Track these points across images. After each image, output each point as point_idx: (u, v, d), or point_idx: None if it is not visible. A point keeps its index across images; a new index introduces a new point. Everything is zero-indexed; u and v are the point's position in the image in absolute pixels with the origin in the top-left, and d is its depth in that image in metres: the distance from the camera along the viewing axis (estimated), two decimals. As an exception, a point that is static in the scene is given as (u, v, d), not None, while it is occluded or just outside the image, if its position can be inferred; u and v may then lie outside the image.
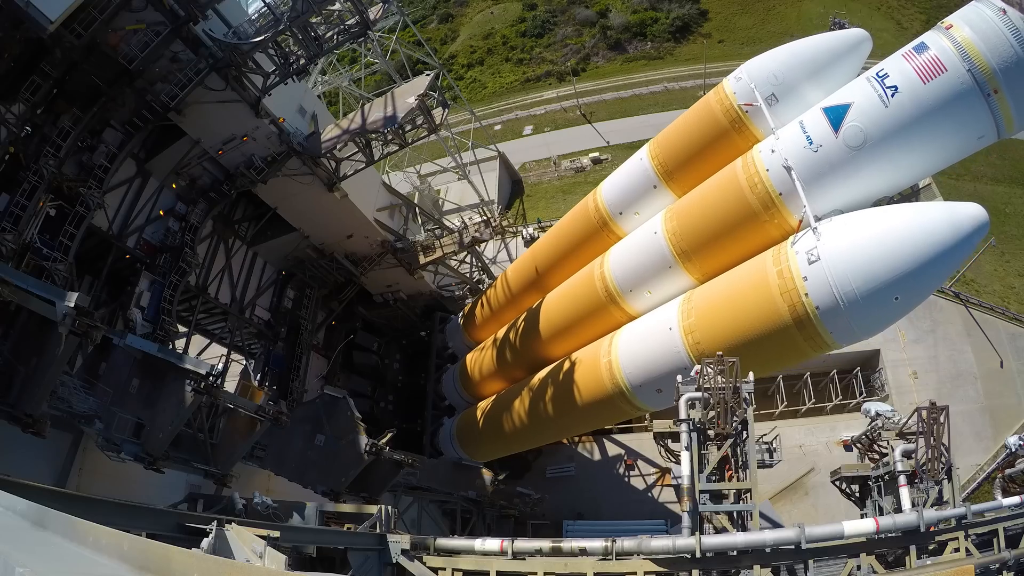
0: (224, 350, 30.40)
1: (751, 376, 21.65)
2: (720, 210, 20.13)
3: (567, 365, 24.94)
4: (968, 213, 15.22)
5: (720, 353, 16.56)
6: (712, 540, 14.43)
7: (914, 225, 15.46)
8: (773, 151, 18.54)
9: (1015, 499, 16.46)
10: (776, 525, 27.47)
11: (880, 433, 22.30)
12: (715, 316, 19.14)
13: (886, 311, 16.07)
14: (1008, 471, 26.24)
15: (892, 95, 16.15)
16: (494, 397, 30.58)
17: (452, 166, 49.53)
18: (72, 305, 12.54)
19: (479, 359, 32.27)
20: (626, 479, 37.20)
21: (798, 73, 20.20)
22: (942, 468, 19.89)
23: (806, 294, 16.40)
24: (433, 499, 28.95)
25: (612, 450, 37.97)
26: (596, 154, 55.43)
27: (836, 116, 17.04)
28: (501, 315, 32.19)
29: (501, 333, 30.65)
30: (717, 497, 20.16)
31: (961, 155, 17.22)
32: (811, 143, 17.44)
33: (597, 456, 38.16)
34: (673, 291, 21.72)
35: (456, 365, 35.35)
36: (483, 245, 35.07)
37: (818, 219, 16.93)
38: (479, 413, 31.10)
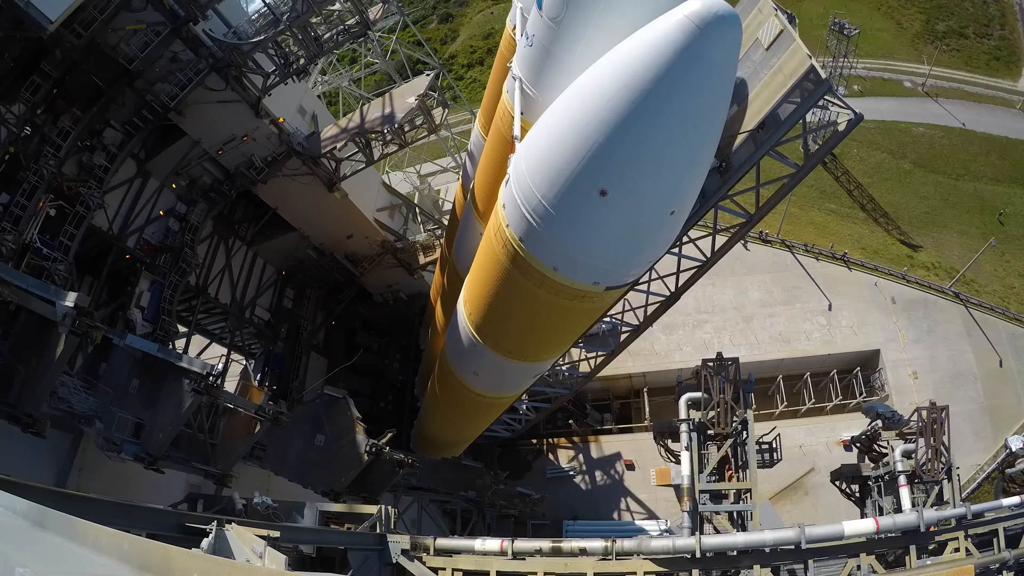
0: (224, 350, 30.42)
1: (751, 376, 21.74)
2: (489, 154, 17.49)
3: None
4: (670, 25, 8.68)
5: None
6: (712, 540, 14.44)
7: (593, 76, 9.92)
8: (509, 66, 15.13)
9: (1015, 499, 16.43)
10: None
11: (880, 433, 22.33)
12: (472, 279, 16.27)
13: (600, 218, 10.66)
14: (1008, 471, 26.27)
15: None
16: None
17: (452, 166, 49.50)
18: (72, 305, 12.54)
19: (424, 357, 31.78)
20: (625, 479, 37.24)
21: None
22: (942, 468, 19.92)
23: (507, 224, 12.36)
24: (433, 499, 28.94)
25: (611, 450, 38.01)
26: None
27: (538, -10, 12.63)
28: (436, 311, 31.78)
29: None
30: (717, 497, 20.23)
31: None
32: (527, 38, 13.56)
33: (597, 456, 38.20)
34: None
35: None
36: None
37: None
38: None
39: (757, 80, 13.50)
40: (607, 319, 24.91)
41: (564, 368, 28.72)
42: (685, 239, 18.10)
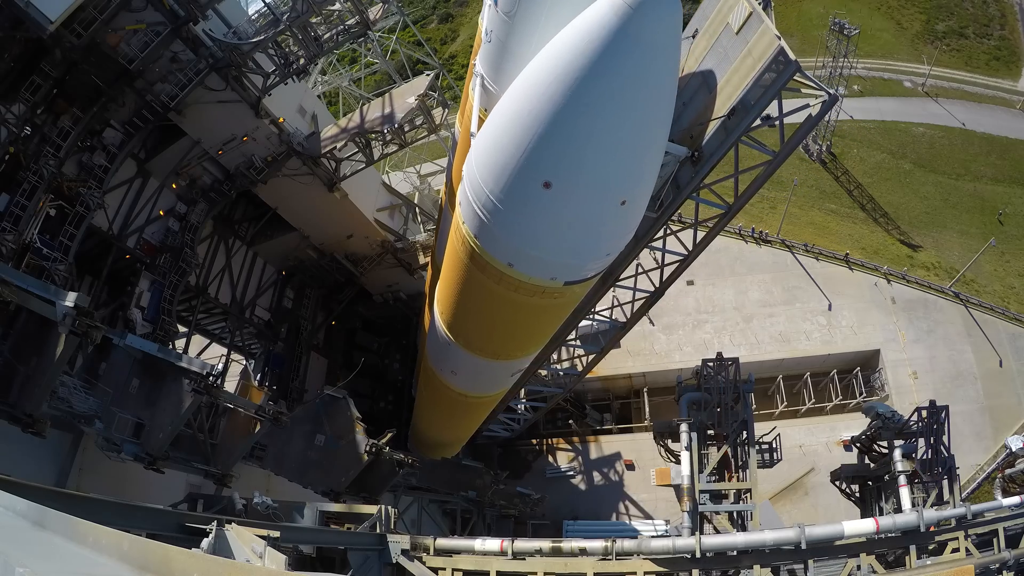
0: (224, 350, 30.41)
1: (751, 376, 21.76)
2: (459, 152, 17.44)
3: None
4: (603, 7, 8.44)
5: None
6: (712, 540, 14.44)
7: (533, 66, 9.73)
8: (473, 63, 14.73)
9: (1015, 499, 16.44)
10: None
11: (880, 433, 22.32)
12: (442, 277, 16.20)
13: (547, 211, 10.45)
14: (1008, 471, 26.29)
15: None
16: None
17: (452, 166, 49.43)
18: (72, 305, 12.53)
19: (417, 357, 31.64)
20: (625, 479, 37.23)
21: None
22: (942, 468, 19.92)
23: (463, 222, 12.30)
24: (433, 499, 28.93)
25: (611, 450, 38.00)
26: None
27: (495, -14, 12.56)
28: (424, 309, 31.66)
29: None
30: (717, 497, 20.25)
31: None
32: (487, 35, 13.19)
33: (596, 456, 38.20)
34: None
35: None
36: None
37: None
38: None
39: (728, 65, 13.10)
40: (603, 317, 24.90)
41: (558, 367, 28.74)
42: (668, 232, 17.98)
